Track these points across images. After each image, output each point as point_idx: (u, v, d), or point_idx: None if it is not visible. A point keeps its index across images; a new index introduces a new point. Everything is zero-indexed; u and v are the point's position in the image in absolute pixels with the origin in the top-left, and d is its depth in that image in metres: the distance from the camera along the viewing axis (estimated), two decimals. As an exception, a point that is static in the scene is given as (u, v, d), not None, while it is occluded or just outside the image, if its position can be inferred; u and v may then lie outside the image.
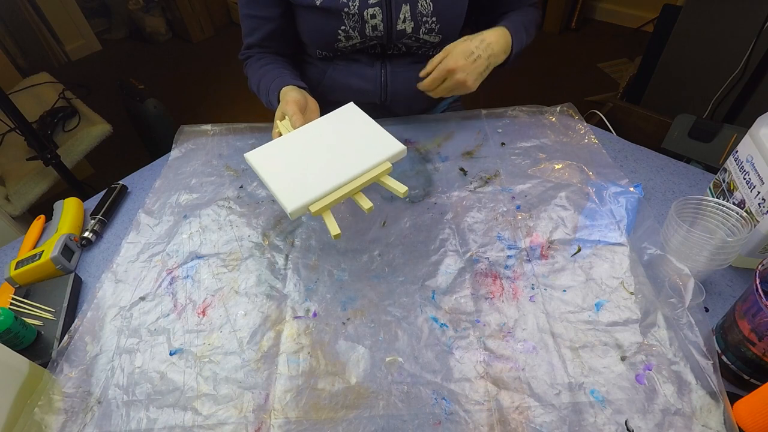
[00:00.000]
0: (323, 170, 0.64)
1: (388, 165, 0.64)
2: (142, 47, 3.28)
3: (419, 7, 0.79)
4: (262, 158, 0.67)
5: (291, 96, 0.76)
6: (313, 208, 0.60)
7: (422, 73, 0.80)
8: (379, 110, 0.96)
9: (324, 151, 0.67)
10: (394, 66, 0.89)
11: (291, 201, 0.60)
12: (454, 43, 0.78)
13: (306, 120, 0.74)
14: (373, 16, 0.79)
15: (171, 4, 3.11)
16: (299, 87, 0.81)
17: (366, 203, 0.62)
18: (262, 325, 0.64)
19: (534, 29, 0.90)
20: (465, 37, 0.79)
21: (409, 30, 0.82)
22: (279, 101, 0.80)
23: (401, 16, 0.80)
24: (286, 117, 0.75)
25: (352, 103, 0.74)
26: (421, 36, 0.83)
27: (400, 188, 0.62)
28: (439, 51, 0.80)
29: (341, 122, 0.71)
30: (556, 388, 0.55)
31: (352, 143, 0.67)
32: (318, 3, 0.78)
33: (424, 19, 0.81)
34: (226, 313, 0.66)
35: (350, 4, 0.78)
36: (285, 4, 0.84)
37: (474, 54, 0.76)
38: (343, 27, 0.81)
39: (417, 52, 0.88)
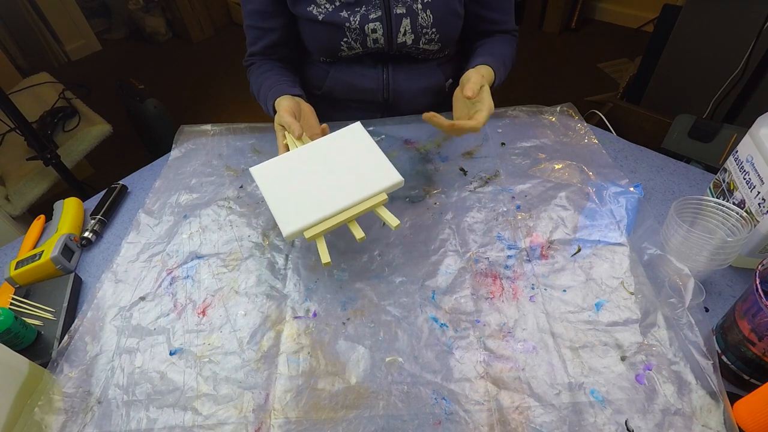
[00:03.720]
0: (321, 195, 0.66)
1: (384, 196, 0.66)
2: (142, 47, 3.27)
3: (419, 20, 0.81)
4: (266, 174, 0.69)
5: (283, 105, 0.77)
6: (308, 234, 0.63)
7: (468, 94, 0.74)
8: (383, 108, 0.96)
9: (324, 174, 0.68)
10: (395, 66, 0.90)
11: (288, 224, 0.63)
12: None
13: (303, 124, 0.75)
14: (374, 30, 0.81)
15: (171, 4, 3.11)
16: (294, 95, 0.82)
17: (359, 233, 0.64)
18: (262, 325, 0.64)
19: (511, 64, 0.91)
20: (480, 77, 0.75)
21: (409, 42, 0.83)
22: (275, 111, 0.81)
23: (401, 30, 0.81)
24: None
25: (358, 123, 0.75)
26: (421, 46, 0.85)
27: (392, 221, 0.64)
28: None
29: (345, 143, 0.72)
30: (556, 388, 0.55)
31: (353, 169, 0.69)
32: (320, 18, 0.80)
33: (424, 30, 0.82)
34: (226, 313, 0.66)
35: (351, 19, 0.80)
36: (289, 15, 0.85)
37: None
38: (345, 39, 0.83)
39: (418, 57, 0.89)
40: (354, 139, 0.73)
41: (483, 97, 0.74)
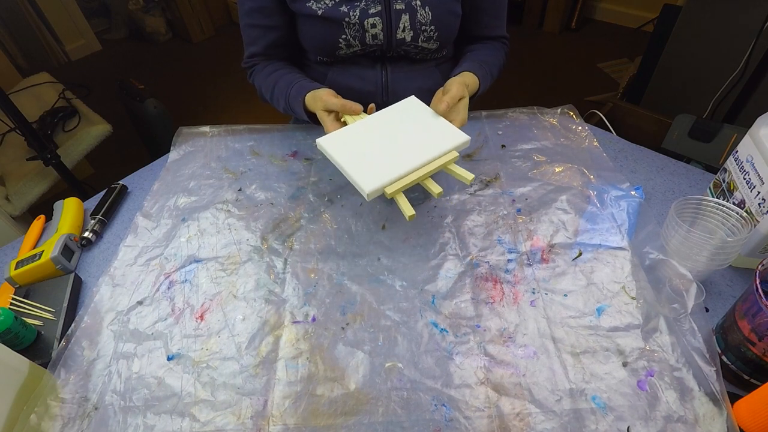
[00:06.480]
0: (395, 156, 0.68)
1: (455, 154, 0.68)
2: (142, 47, 3.27)
3: (418, 16, 0.81)
4: (334, 143, 0.70)
5: (323, 93, 0.77)
6: (389, 190, 0.64)
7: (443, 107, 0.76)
8: None
9: (392, 139, 0.71)
10: (394, 67, 0.89)
11: (368, 183, 0.64)
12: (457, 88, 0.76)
13: None
14: (374, 26, 0.81)
15: (171, 4, 3.11)
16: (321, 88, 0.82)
17: (436, 188, 0.66)
18: (260, 329, 0.64)
19: (498, 72, 0.92)
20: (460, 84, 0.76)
21: (408, 38, 0.83)
22: (305, 107, 0.81)
23: (401, 26, 0.81)
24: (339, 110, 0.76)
25: (413, 96, 0.77)
26: (420, 44, 0.85)
27: (467, 175, 0.66)
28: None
29: (405, 113, 0.75)
30: (557, 395, 0.54)
31: (419, 132, 0.71)
32: (320, 13, 0.80)
33: (423, 27, 0.82)
34: (225, 318, 0.66)
35: (351, 14, 0.79)
36: (288, 13, 0.85)
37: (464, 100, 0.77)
38: (344, 36, 0.82)
39: (416, 57, 0.88)
40: (412, 109, 0.76)
41: (459, 108, 0.76)
